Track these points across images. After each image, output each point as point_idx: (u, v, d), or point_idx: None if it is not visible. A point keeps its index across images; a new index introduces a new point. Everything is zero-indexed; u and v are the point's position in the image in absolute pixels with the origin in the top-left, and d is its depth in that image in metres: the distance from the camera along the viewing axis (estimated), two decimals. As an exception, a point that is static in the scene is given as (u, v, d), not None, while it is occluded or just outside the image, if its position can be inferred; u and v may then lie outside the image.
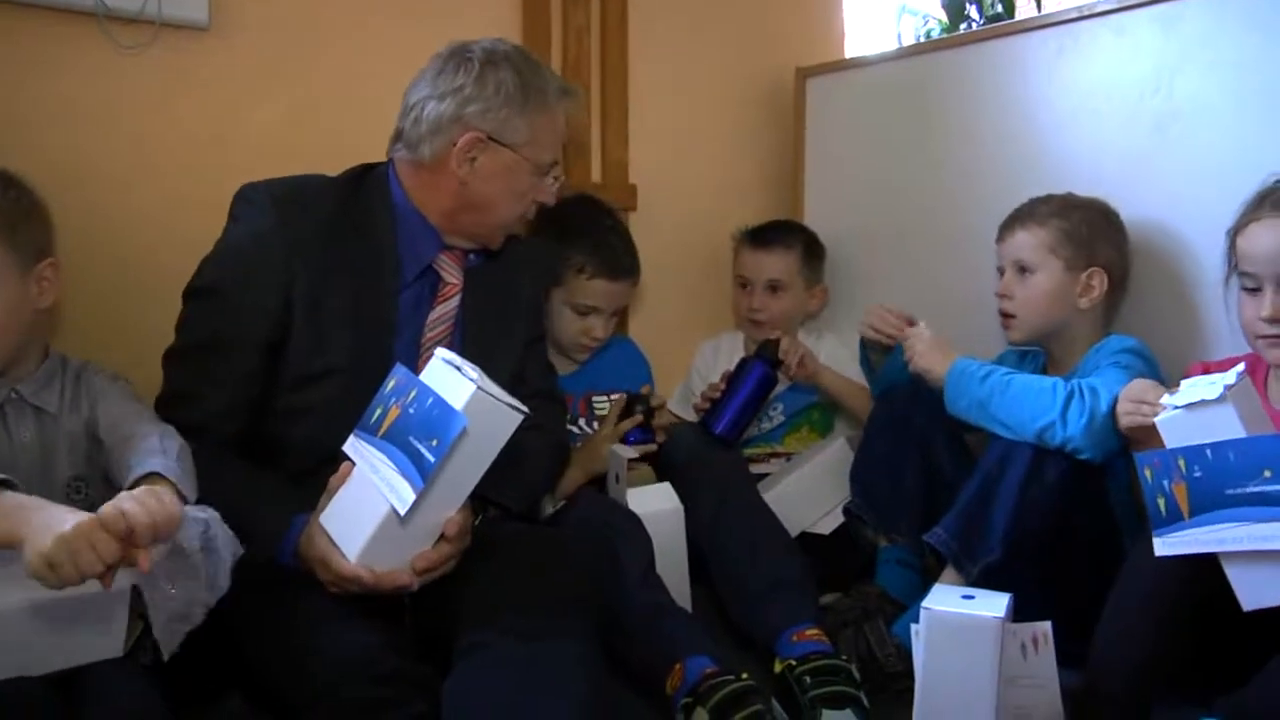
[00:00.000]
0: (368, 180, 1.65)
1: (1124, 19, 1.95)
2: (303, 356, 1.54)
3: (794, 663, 1.57)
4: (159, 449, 1.39)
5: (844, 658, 1.60)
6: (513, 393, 1.33)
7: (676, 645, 1.55)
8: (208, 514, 1.34)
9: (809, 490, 2.06)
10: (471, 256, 1.71)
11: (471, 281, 1.70)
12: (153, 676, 1.29)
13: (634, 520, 1.72)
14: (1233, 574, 1.31)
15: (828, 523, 2.08)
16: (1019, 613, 1.40)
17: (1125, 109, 1.96)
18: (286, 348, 1.54)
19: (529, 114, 1.61)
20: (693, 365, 2.48)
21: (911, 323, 1.93)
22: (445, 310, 1.67)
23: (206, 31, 1.91)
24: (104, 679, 1.25)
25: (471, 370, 1.30)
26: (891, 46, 3.13)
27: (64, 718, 1.19)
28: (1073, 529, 1.69)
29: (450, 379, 1.30)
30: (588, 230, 2.15)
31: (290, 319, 1.54)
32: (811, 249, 2.42)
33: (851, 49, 2.87)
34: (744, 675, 1.50)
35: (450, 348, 1.45)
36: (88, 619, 1.26)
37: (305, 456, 1.55)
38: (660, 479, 1.90)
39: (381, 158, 1.67)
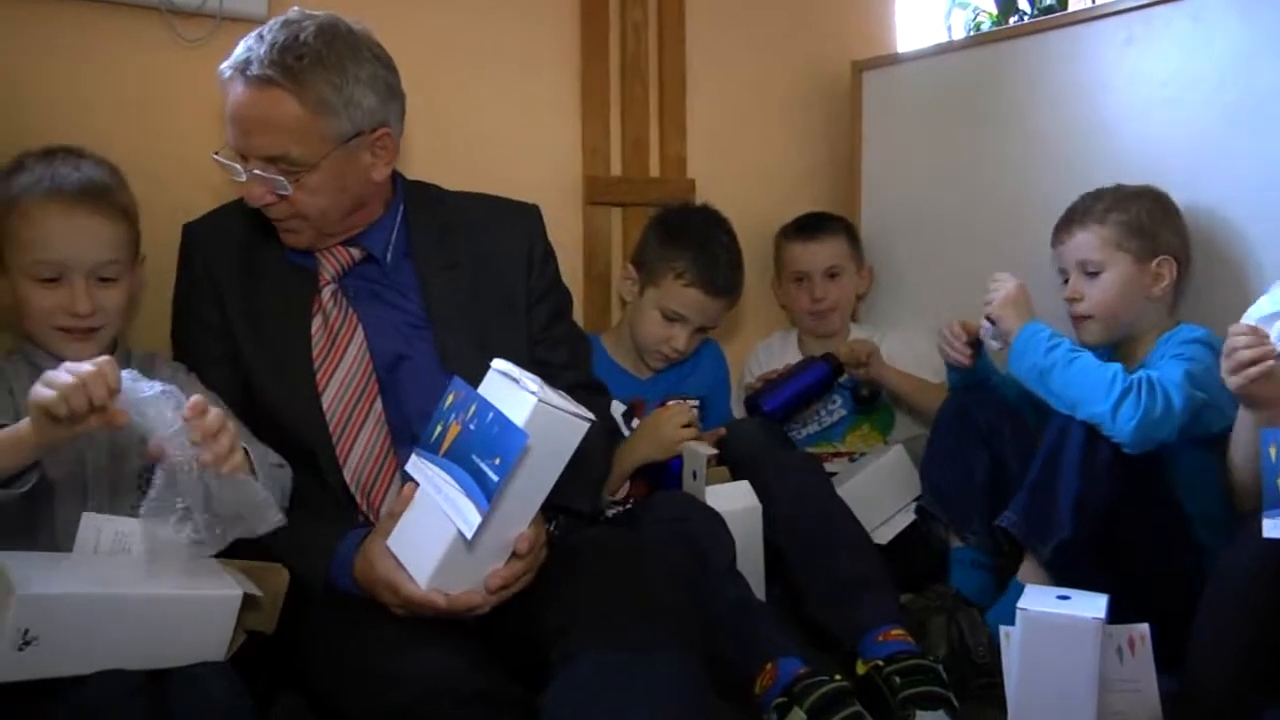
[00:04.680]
0: None
1: (1201, 5, 1.90)
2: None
3: (881, 663, 1.54)
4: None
5: (931, 658, 1.57)
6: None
7: (767, 645, 1.53)
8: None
9: (865, 498, 2.02)
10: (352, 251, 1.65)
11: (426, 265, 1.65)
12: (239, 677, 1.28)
13: (717, 519, 1.69)
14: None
15: (885, 532, 2.05)
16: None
17: (1197, 98, 1.92)
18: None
19: None
20: (746, 366, 2.45)
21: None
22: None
23: (265, 23, 1.89)
24: (194, 675, 1.24)
25: (531, 381, 1.25)
26: (941, 39, 3.10)
27: (156, 712, 1.18)
28: (1132, 511, 1.67)
29: (509, 391, 1.25)
30: (697, 237, 2.10)
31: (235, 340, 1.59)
32: (851, 231, 2.45)
33: (902, 42, 2.84)
34: (836, 677, 1.47)
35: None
36: (196, 620, 1.27)
37: None
38: (733, 477, 1.86)
39: (439, 149, 1.65)
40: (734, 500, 1.78)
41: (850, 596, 1.67)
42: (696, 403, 2.07)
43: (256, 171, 1.51)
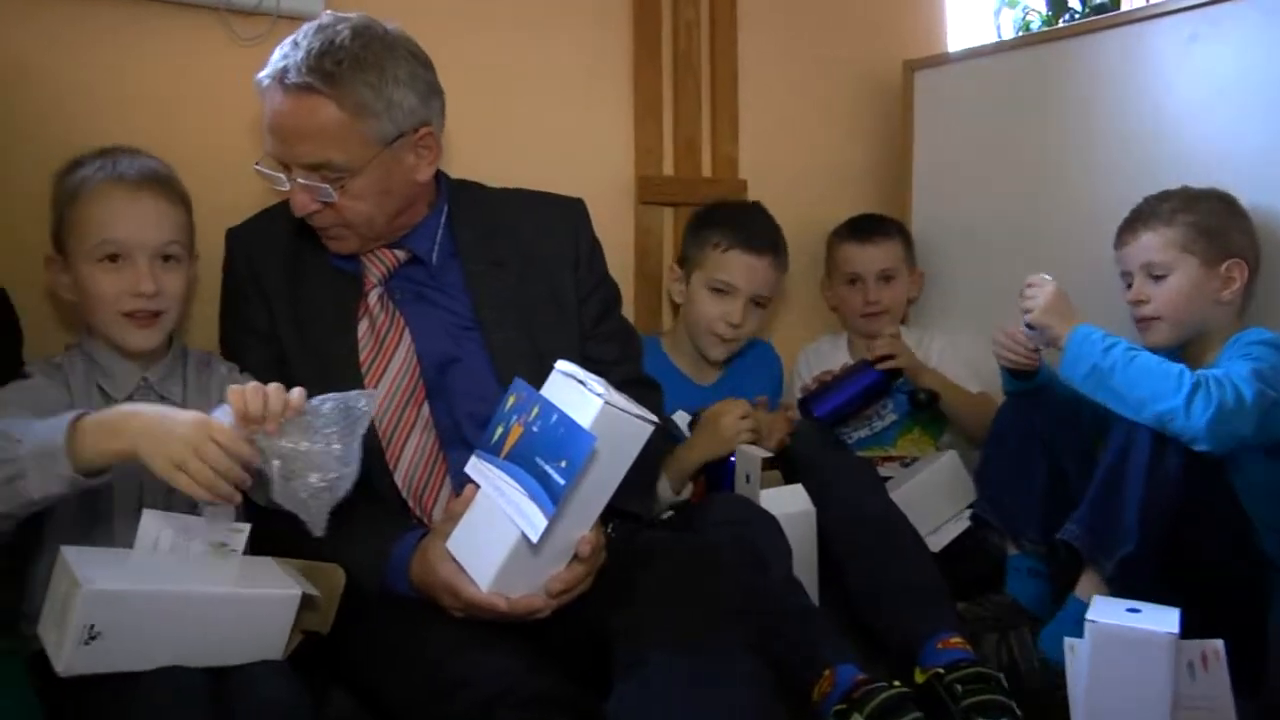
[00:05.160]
0: None
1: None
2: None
3: (941, 671, 1.51)
4: None
5: (991, 667, 1.55)
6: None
7: (824, 651, 1.51)
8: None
9: (919, 504, 1.99)
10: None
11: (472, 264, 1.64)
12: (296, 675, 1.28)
13: (773, 523, 1.68)
14: None
15: (938, 539, 2.02)
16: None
17: (1267, 97, 1.86)
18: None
19: None
20: (794, 369, 2.43)
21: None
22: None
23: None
24: (253, 674, 1.24)
25: (596, 383, 1.23)
26: (989, 38, 3.06)
27: (216, 710, 1.18)
28: (1197, 522, 1.62)
29: (573, 393, 1.23)
30: (727, 209, 2.15)
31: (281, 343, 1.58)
32: (906, 234, 2.42)
33: (953, 41, 2.81)
34: (895, 683, 1.45)
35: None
36: (256, 619, 1.27)
37: None
38: (786, 480, 1.84)
39: (492, 148, 1.64)
40: (788, 504, 1.76)
41: (907, 603, 1.65)
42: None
43: (300, 180, 1.50)
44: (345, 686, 1.41)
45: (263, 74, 1.50)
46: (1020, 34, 3.09)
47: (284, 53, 1.48)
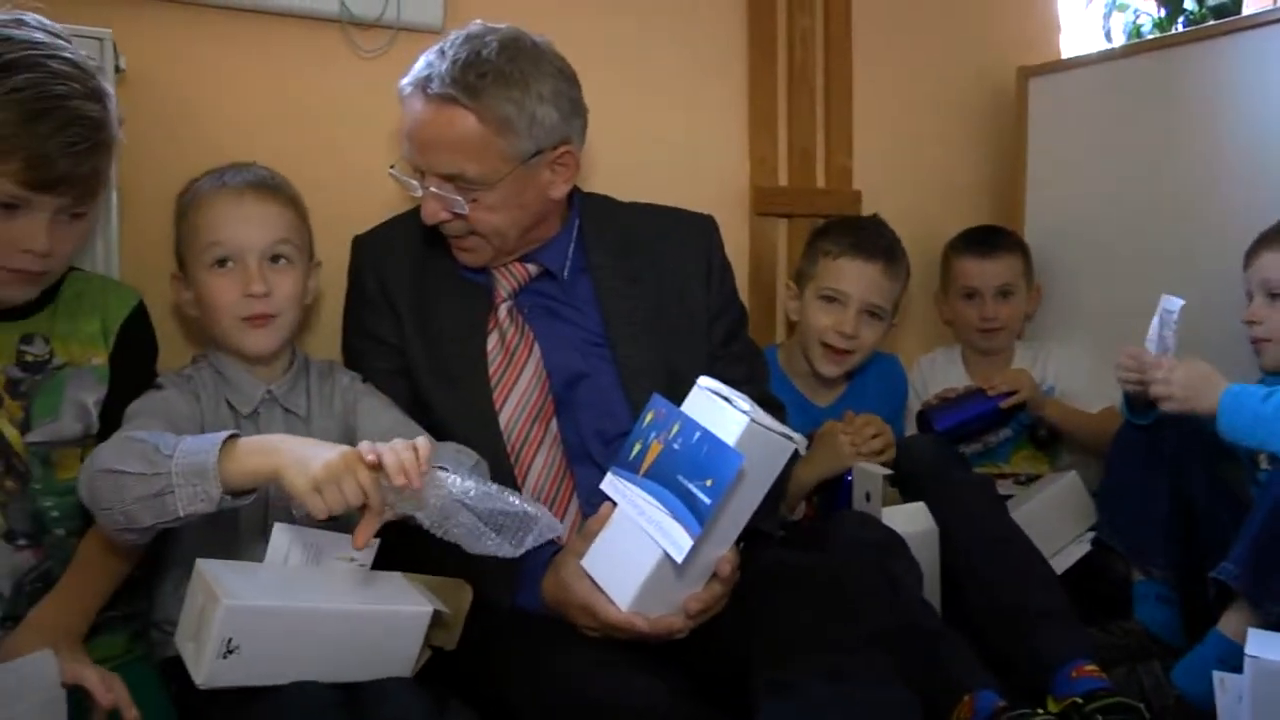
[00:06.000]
0: None
1: None
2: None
3: (1080, 700, 1.45)
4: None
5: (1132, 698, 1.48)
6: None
7: (962, 675, 1.47)
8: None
9: (1038, 526, 1.91)
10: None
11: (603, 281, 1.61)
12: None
13: (902, 542, 1.63)
14: None
15: (1059, 562, 1.94)
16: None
17: None
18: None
19: None
20: (910, 383, 2.36)
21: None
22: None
23: (441, 34, 1.89)
24: (385, 690, 1.24)
25: (742, 400, 1.21)
26: (1099, 44, 2.98)
27: None
28: None
29: (715, 409, 1.21)
30: (842, 220, 2.12)
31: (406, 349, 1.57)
32: (1026, 250, 2.35)
33: (1065, 47, 2.74)
34: (1039, 710, 1.40)
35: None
36: (388, 636, 1.27)
37: None
38: (904, 498, 1.79)
39: (607, 158, 1.62)
40: (911, 523, 1.71)
41: (1036, 628, 1.59)
42: None
43: (433, 189, 1.50)
44: (465, 700, 1.39)
45: (405, 81, 1.51)
46: (1132, 39, 3.01)
47: (429, 61, 1.49)
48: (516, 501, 1.23)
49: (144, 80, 1.66)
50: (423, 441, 1.20)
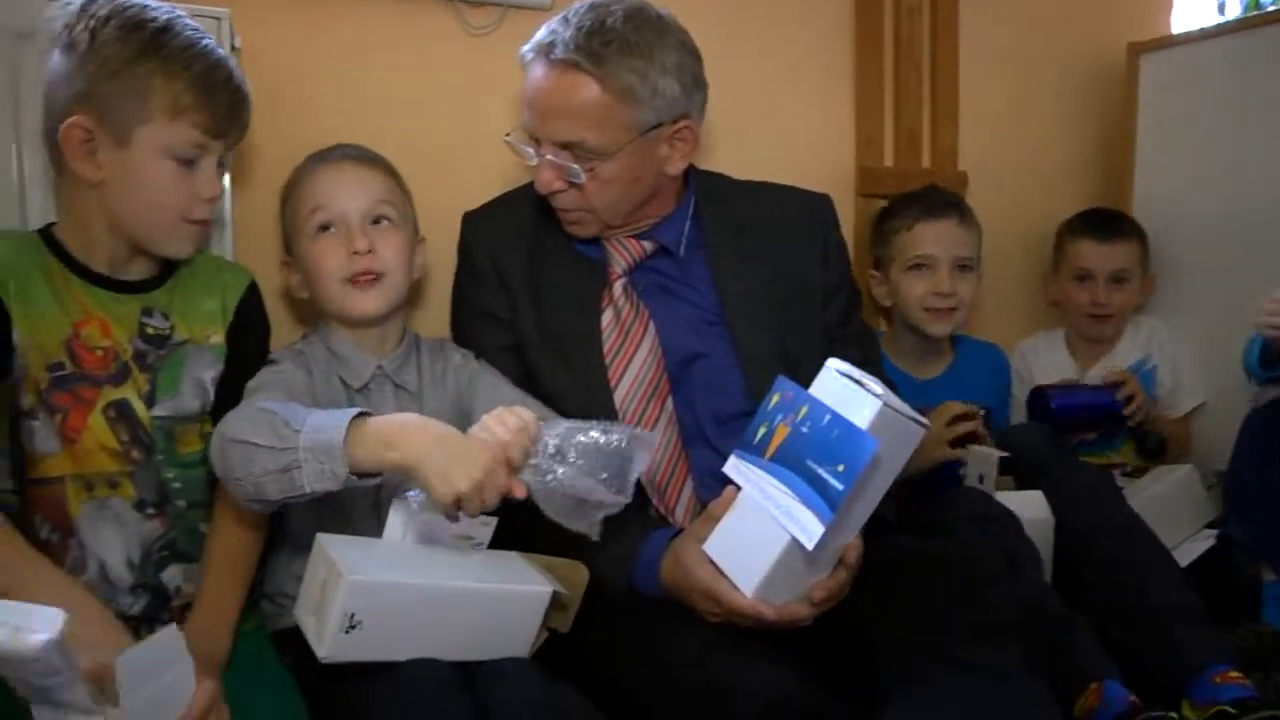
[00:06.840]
0: None
1: None
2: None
3: (1229, 709, 1.38)
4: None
5: None
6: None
7: (1087, 662, 1.43)
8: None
9: (1154, 521, 1.82)
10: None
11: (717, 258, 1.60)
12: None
13: (1017, 522, 1.58)
14: None
15: (1177, 558, 1.86)
16: None
17: None
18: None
19: None
20: (1013, 368, 2.30)
21: None
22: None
23: (549, 11, 1.88)
24: (503, 670, 1.23)
25: (874, 383, 1.17)
26: (1212, 18, 2.87)
27: (471, 703, 1.17)
28: None
29: (845, 392, 1.17)
30: (900, 197, 2.11)
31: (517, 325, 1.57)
32: (1143, 236, 2.28)
33: (1176, 21, 2.64)
34: (1173, 715, 1.35)
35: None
36: (507, 615, 1.27)
37: None
38: (1017, 485, 1.75)
39: (714, 136, 1.59)
40: (1025, 509, 1.65)
41: (1170, 629, 1.52)
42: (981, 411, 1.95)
43: (549, 157, 1.49)
44: (576, 682, 1.38)
45: (527, 47, 1.50)
46: (1250, 11, 2.89)
47: (551, 28, 1.47)
48: (602, 431, 1.25)
49: (258, 59, 1.67)
50: (522, 411, 1.24)
